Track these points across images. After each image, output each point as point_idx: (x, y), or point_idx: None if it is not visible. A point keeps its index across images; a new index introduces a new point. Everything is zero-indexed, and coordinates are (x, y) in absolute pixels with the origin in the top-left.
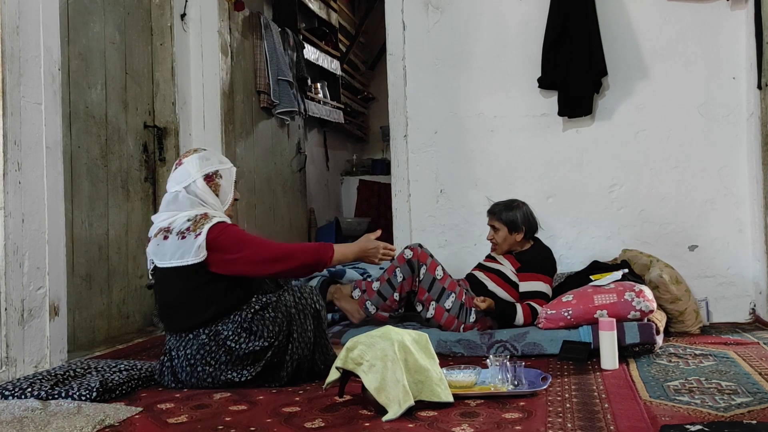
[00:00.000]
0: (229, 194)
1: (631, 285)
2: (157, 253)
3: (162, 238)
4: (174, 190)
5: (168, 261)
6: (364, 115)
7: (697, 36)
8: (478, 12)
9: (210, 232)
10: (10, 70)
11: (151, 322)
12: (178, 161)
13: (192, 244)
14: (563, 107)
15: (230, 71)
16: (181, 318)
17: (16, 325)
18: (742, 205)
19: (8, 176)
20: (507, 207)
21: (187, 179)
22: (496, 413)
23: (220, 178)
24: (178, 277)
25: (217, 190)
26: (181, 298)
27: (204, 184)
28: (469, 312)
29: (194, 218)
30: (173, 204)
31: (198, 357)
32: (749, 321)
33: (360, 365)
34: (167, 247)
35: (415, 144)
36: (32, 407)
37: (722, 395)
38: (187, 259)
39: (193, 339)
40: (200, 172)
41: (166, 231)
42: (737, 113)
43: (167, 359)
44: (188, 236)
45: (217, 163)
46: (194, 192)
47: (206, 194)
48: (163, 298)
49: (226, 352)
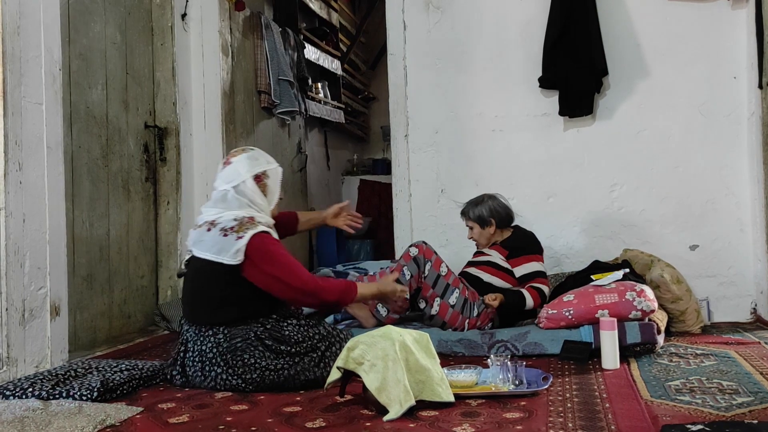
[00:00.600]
0: (276, 194)
1: (632, 285)
2: (197, 243)
3: (206, 230)
4: (222, 188)
5: (205, 253)
6: (364, 115)
7: (697, 35)
8: (478, 12)
9: (253, 239)
10: (11, 70)
11: (153, 322)
12: (226, 160)
13: (232, 244)
14: (564, 107)
15: (231, 71)
16: (203, 311)
17: (17, 325)
18: (743, 205)
19: (9, 176)
20: (473, 204)
21: (237, 179)
22: (497, 413)
23: (268, 178)
24: (210, 271)
25: (265, 190)
26: (208, 292)
27: (254, 184)
28: (473, 307)
29: (241, 219)
30: (222, 203)
31: (210, 356)
32: (750, 321)
33: (361, 365)
34: (207, 240)
35: (415, 144)
36: (33, 407)
37: (723, 395)
38: (224, 257)
39: (211, 336)
40: (250, 172)
41: (211, 224)
42: (738, 113)
43: (182, 350)
44: (230, 235)
45: (265, 163)
46: (243, 192)
47: (255, 194)
48: (191, 287)
49: (238, 358)
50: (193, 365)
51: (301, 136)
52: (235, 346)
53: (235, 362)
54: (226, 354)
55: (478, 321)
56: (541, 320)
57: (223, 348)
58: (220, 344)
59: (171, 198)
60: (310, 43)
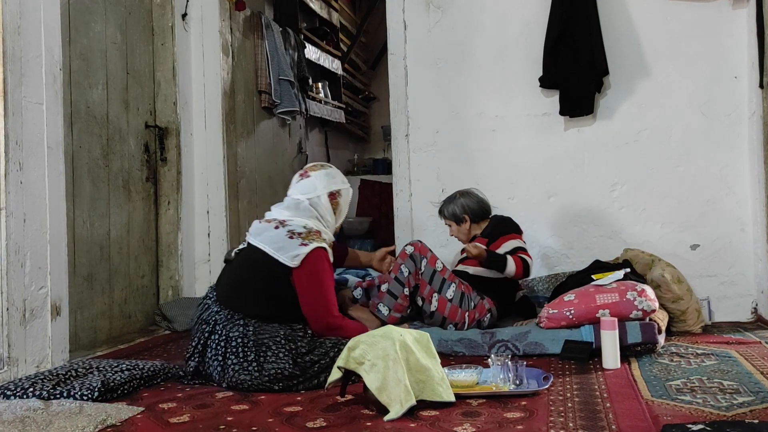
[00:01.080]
0: (344, 214)
1: (633, 284)
2: (259, 234)
3: (273, 227)
4: (297, 197)
5: (265, 246)
6: (365, 115)
7: (698, 35)
8: (479, 11)
9: (314, 252)
10: (11, 70)
11: (153, 322)
12: (304, 172)
13: (295, 248)
14: (565, 107)
15: (231, 71)
16: (242, 299)
17: (17, 325)
18: (744, 205)
19: (10, 176)
20: (447, 202)
21: (313, 193)
22: (497, 413)
23: (341, 197)
24: (262, 263)
25: (336, 208)
26: (252, 283)
27: (327, 200)
28: (470, 299)
29: (310, 229)
30: (294, 210)
31: (233, 344)
32: (751, 320)
33: (361, 365)
34: (272, 235)
35: (416, 143)
36: (34, 407)
37: (724, 394)
38: (282, 256)
39: (241, 326)
40: (326, 189)
41: (281, 223)
42: (739, 112)
43: (208, 330)
44: (295, 239)
45: (340, 182)
46: (316, 205)
47: (326, 211)
48: (236, 273)
49: (261, 355)
50: (217, 348)
51: (301, 136)
52: (262, 341)
53: (254, 357)
54: (250, 346)
55: (476, 313)
56: (541, 320)
57: (249, 340)
58: (247, 335)
59: (171, 198)
60: (310, 43)
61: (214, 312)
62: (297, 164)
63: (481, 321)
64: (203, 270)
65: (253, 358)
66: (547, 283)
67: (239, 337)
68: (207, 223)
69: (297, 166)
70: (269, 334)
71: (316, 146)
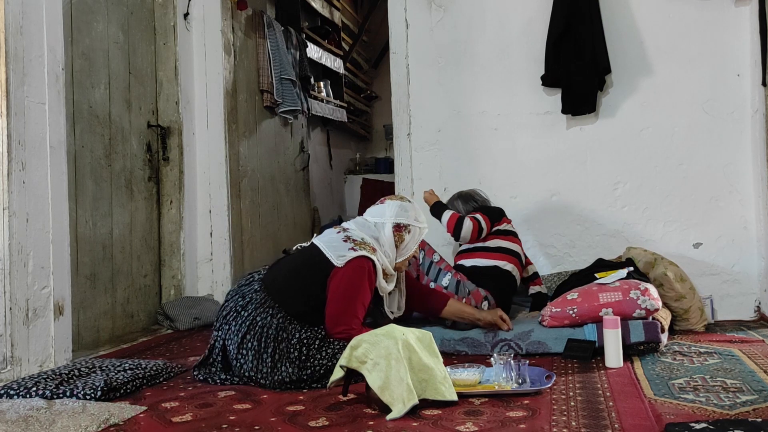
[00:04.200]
0: (409, 252)
1: (636, 283)
2: (323, 236)
3: (336, 231)
4: (366, 218)
5: (320, 242)
6: (367, 114)
7: (701, 33)
8: (480, 10)
9: (359, 259)
10: (14, 70)
11: (156, 321)
12: (383, 199)
13: (344, 250)
14: (567, 105)
15: (233, 70)
16: (281, 286)
17: (20, 325)
18: (747, 203)
19: (12, 176)
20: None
21: (380, 218)
22: (500, 412)
23: (408, 233)
24: (311, 258)
25: (400, 242)
26: (296, 273)
27: (391, 231)
28: (465, 286)
29: (365, 240)
30: (360, 224)
31: (257, 330)
32: (754, 319)
33: (364, 364)
34: (331, 236)
35: (418, 142)
36: (37, 406)
37: (727, 393)
38: (331, 253)
39: (270, 315)
40: (393, 220)
41: (344, 230)
42: (741, 110)
43: (241, 303)
44: (348, 243)
45: (413, 219)
46: (380, 230)
47: (387, 240)
48: (287, 262)
49: (277, 351)
50: (241, 325)
51: (303, 135)
52: (281, 339)
53: (271, 351)
54: (269, 339)
55: (472, 299)
56: (544, 318)
57: (271, 331)
58: (270, 326)
59: (174, 197)
60: (312, 42)
61: (253, 290)
62: (299, 163)
63: (478, 308)
64: (205, 269)
65: (270, 352)
66: (550, 281)
67: (264, 326)
68: (209, 223)
69: (299, 165)
70: (288, 335)
71: (318, 145)
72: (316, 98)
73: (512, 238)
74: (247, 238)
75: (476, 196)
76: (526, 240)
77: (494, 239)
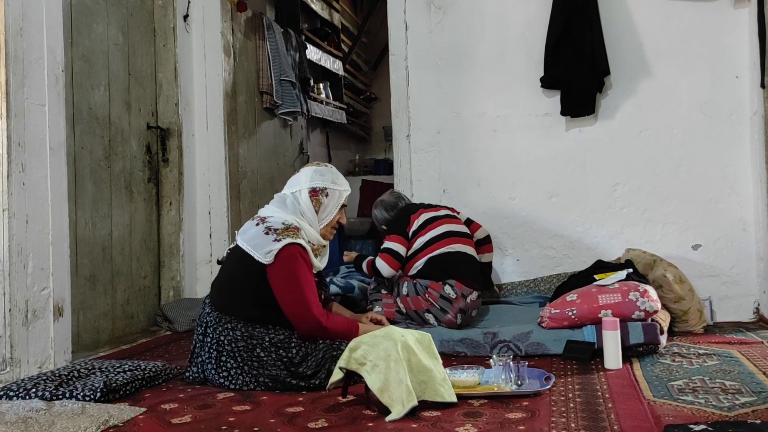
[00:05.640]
0: (330, 215)
1: (635, 285)
2: (243, 232)
3: (255, 224)
4: (284, 192)
5: (244, 243)
6: (366, 116)
7: (699, 35)
8: (480, 12)
9: (287, 247)
10: (14, 71)
11: (155, 322)
12: (301, 168)
13: (268, 244)
14: (566, 107)
15: (233, 72)
16: (227, 300)
17: (20, 326)
18: (746, 204)
19: (12, 177)
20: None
21: (296, 187)
22: (499, 413)
23: (326, 197)
24: (241, 262)
25: (318, 206)
26: (236, 283)
27: (308, 196)
28: (421, 285)
29: (288, 225)
30: (280, 204)
31: (227, 349)
32: (753, 320)
33: (363, 365)
34: (251, 232)
35: (417, 144)
36: (37, 408)
37: (726, 395)
38: (256, 252)
39: (230, 329)
40: (308, 184)
41: (262, 220)
42: (740, 112)
43: (200, 332)
44: (270, 235)
45: (329, 181)
46: (297, 200)
47: (307, 207)
48: (223, 273)
49: (254, 359)
50: (210, 351)
51: (303, 137)
52: (252, 347)
53: (249, 363)
54: (241, 352)
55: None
56: (544, 320)
57: (239, 345)
58: (237, 340)
59: (173, 199)
60: (311, 44)
61: (206, 313)
62: (298, 165)
63: (445, 296)
64: (205, 271)
65: (249, 365)
66: (549, 283)
67: (231, 342)
68: (209, 224)
69: (298, 166)
70: (258, 340)
71: (317, 147)
72: (315, 100)
73: (442, 221)
74: None
75: (399, 201)
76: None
77: (425, 234)
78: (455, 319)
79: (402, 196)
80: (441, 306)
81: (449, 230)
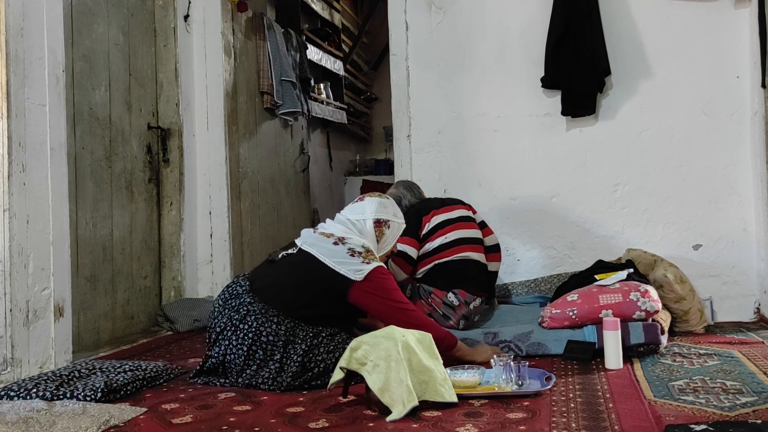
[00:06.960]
0: (388, 246)
1: (636, 285)
2: (314, 244)
3: (332, 242)
4: (347, 217)
5: (322, 256)
6: (367, 116)
7: (700, 35)
8: (480, 12)
9: (378, 269)
10: (14, 71)
11: (156, 323)
12: (361, 197)
13: (357, 265)
14: (567, 107)
15: (233, 72)
16: (283, 296)
17: (21, 326)
18: (747, 204)
19: (13, 177)
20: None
21: (360, 215)
22: (500, 413)
23: (387, 228)
24: (316, 270)
25: (381, 236)
26: (300, 285)
27: (372, 226)
28: (423, 289)
29: (367, 249)
30: (349, 225)
31: (263, 340)
32: (754, 320)
33: (364, 365)
34: (331, 249)
35: (418, 144)
36: (37, 408)
37: (727, 395)
38: (343, 269)
39: (275, 323)
40: (373, 215)
41: (340, 240)
42: (741, 112)
43: (237, 318)
44: (356, 258)
45: (391, 214)
46: (362, 229)
47: (370, 235)
48: (284, 272)
49: (284, 357)
50: (244, 338)
51: (303, 137)
52: (289, 342)
53: (279, 357)
54: (279, 347)
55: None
56: (544, 320)
57: (279, 339)
58: (278, 334)
59: (174, 199)
60: (312, 44)
61: (247, 302)
62: (299, 165)
63: (448, 303)
64: (205, 271)
65: (278, 358)
66: (550, 283)
67: (271, 334)
68: (209, 224)
69: (299, 166)
70: (300, 339)
71: (318, 147)
72: (316, 100)
73: (454, 226)
74: (247, 240)
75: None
76: (527, 240)
77: (434, 239)
78: (457, 325)
79: (405, 193)
80: (443, 312)
81: (460, 237)
